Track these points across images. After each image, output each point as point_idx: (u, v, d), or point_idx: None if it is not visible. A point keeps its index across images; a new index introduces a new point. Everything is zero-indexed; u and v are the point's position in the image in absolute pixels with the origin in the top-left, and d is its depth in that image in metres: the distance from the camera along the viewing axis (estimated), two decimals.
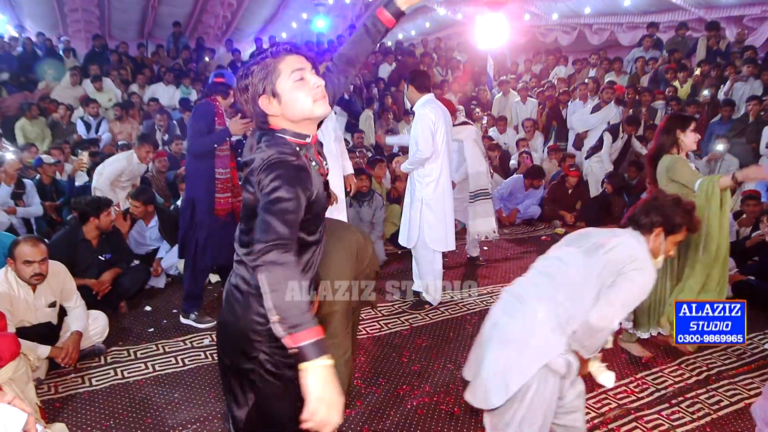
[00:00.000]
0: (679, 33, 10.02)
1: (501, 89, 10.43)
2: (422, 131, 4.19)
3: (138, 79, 9.94)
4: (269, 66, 1.65)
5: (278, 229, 1.48)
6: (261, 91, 1.66)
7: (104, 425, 2.98)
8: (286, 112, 1.67)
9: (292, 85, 1.65)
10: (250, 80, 1.66)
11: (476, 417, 3.09)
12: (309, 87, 1.66)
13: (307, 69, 1.67)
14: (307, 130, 1.71)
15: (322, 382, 1.39)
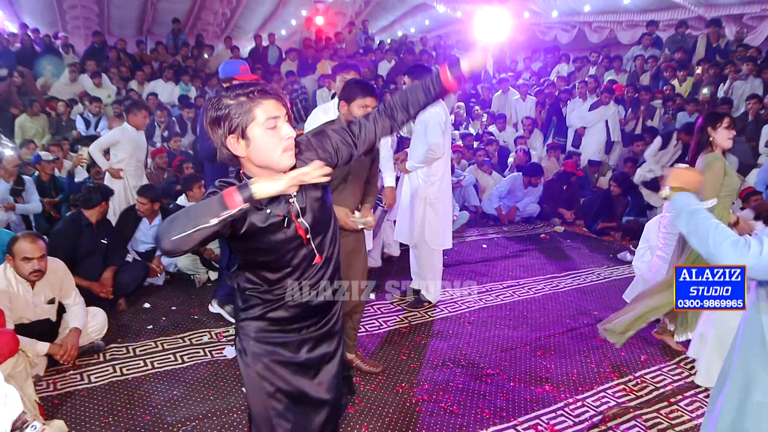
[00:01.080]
0: (679, 31, 10.01)
1: (500, 87, 10.43)
2: (435, 131, 4.12)
3: (137, 76, 9.92)
4: (244, 107, 1.60)
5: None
6: (230, 130, 1.62)
7: (103, 422, 2.97)
8: (252, 156, 1.65)
9: (264, 131, 1.61)
10: (223, 115, 1.61)
11: (474, 415, 3.10)
12: (280, 136, 1.63)
13: (282, 116, 1.63)
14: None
15: (267, 185, 1.53)
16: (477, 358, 3.75)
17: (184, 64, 10.99)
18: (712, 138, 3.54)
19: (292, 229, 1.74)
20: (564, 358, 3.77)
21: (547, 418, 3.11)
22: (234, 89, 1.63)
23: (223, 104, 1.61)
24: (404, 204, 4.56)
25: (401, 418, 3.06)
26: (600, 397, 3.31)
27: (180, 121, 8.70)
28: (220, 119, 1.62)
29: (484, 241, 6.47)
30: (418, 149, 4.27)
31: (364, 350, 3.79)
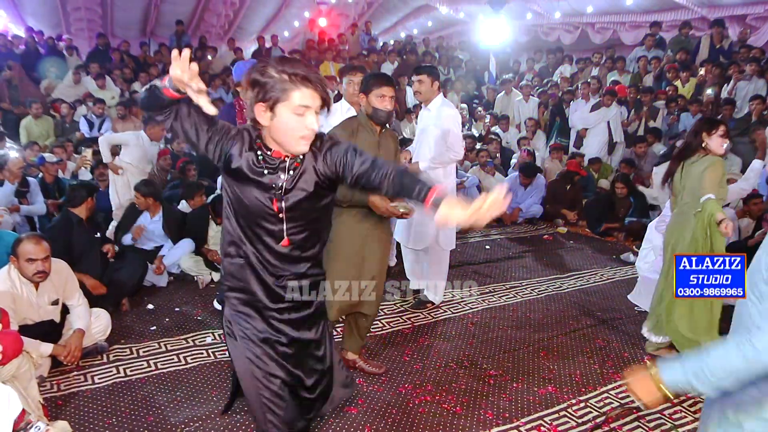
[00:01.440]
0: (683, 32, 10.01)
1: (503, 88, 10.43)
2: (456, 133, 4.15)
3: (140, 78, 9.94)
4: (284, 85, 1.67)
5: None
6: (263, 99, 1.70)
7: (107, 423, 2.98)
8: (272, 129, 1.76)
9: (291, 114, 1.70)
10: (262, 82, 1.69)
11: (477, 416, 3.10)
12: (303, 125, 1.71)
13: (314, 108, 1.70)
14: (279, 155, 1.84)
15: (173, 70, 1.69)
16: (480, 359, 3.75)
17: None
18: (705, 144, 3.53)
19: (267, 195, 1.86)
20: (567, 359, 3.77)
21: (550, 419, 3.11)
22: (283, 64, 1.70)
23: (268, 73, 1.69)
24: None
25: (404, 419, 3.06)
26: (603, 398, 3.31)
27: None
28: (257, 84, 1.70)
29: (487, 243, 6.47)
30: (431, 150, 4.18)
31: (366, 351, 3.79)
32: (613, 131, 8.38)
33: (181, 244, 5.02)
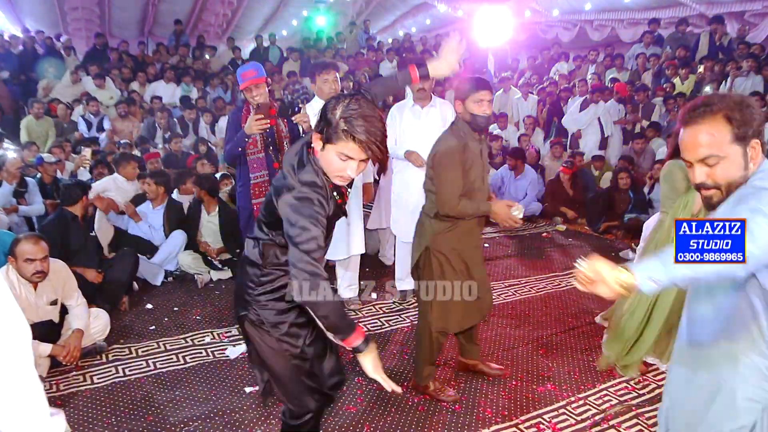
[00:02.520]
0: (679, 29, 10.01)
1: (502, 86, 10.43)
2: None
3: (138, 77, 9.94)
4: (339, 132, 1.77)
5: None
6: (320, 131, 1.83)
7: (106, 423, 2.98)
8: (320, 157, 1.87)
9: (336, 156, 1.81)
10: (327, 117, 1.80)
11: (476, 414, 3.10)
12: (343, 168, 1.83)
13: (357, 159, 1.81)
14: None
15: (372, 366, 1.87)
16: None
17: (184, 65, 10.99)
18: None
19: (341, 216, 2.03)
20: (566, 357, 3.77)
21: (549, 416, 3.11)
22: (349, 110, 1.78)
23: (333, 113, 1.79)
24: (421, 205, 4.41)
25: (403, 417, 3.06)
26: (602, 396, 3.31)
27: (181, 123, 8.72)
28: (323, 117, 1.83)
29: (485, 240, 6.46)
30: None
31: None
32: (604, 126, 8.38)
33: (174, 236, 5.04)
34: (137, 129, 8.39)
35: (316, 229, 1.78)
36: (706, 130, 1.54)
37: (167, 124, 8.40)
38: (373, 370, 1.86)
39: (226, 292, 4.79)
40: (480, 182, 2.93)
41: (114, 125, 8.24)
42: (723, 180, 1.57)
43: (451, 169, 2.80)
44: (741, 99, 1.56)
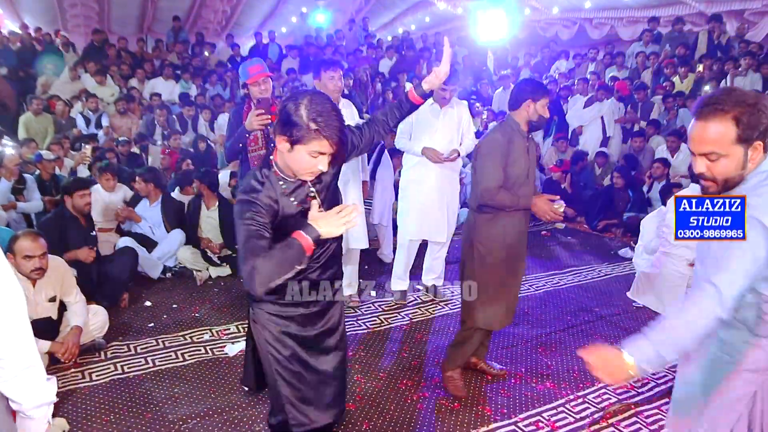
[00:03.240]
0: (676, 28, 10.00)
1: (501, 84, 10.42)
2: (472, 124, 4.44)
3: (137, 74, 9.91)
4: (308, 132, 1.83)
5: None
6: (287, 135, 1.86)
7: (104, 420, 2.98)
8: (285, 157, 1.93)
9: (305, 155, 1.87)
10: (292, 120, 1.84)
11: (476, 412, 3.10)
12: (314, 164, 1.89)
13: (327, 155, 1.89)
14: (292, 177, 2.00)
15: (329, 228, 1.85)
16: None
17: (184, 61, 10.97)
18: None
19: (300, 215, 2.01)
20: (565, 355, 3.77)
21: (548, 414, 3.11)
22: (314, 109, 1.84)
23: (299, 114, 1.84)
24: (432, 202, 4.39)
25: (402, 415, 3.06)
26: (601, 394, 3.31)
27: (180, 119, 8.70)
28: (287, 120, 1.86)
29: None
30: (472, 141, 4.38)
31: (364, 347, 3.80)
32: (606, 125, 8.38)
33: (173, 234, 5.04)
34: (136, 126, 8.37)
35: (245, 227, 1.87)
36: (714, 128, 1.60)
37: (166, 121, 8.39)
38: (333, 232, 1.86)
39: (224, 290, 4.79)
40: (524, 178, 3.01)
41: (113, 122, 8.21)
42: (720, 175, 1.65)
43: (492, 160, 2.92)
44: (755, 101, 1.59)
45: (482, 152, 2.98)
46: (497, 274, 3.06)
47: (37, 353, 1.41)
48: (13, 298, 1.33)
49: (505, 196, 2.92)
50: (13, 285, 1.34)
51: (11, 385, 1.37)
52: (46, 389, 1.44)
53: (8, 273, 1.34)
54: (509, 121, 3.02)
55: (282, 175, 1.98)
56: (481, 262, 3.06)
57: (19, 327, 1.34)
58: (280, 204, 1.96)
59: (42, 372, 1.42)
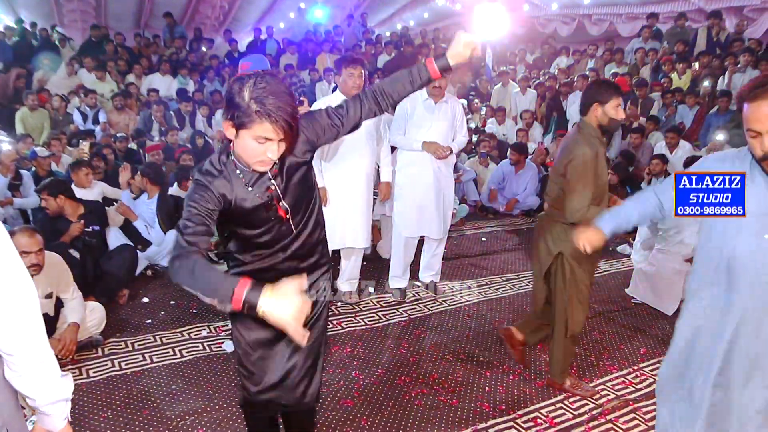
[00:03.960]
0: (678, 23, 9.98)
1: (500, 80, 10.40)
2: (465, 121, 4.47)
3: (135, 70, 9.88)
4: (250, 114, 1.67)
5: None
6: (230, 119, 1.72)
7: (102, 416, 2.97)
8: (236, 146, 1.79)
9: (251, 140, 1.72)
10: (234, 103, 1.69)
11: (474, 408, 3.10)
12: (262, 152, 1.72)
13: (275, 140, 1.70)
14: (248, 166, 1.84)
15: (276, 310, 1.54)
16: (476, 351, 3.75)
17: (177, 56, 10.91)
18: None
19: (274, 210, 1.91)
20: None
21: (546, 411, 3.11)
22: (258, 90, 1.67)
23: (241, 96, 1.67)
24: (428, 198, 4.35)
25: (400, 411, 3.06)
26: (599, 390, 3.31)
27: (178, 115, 8.68)
28: (230, 102, 1.71)
29: (483, 235, 6.46)
30: (465, 136, 4.46)
31: (362, 344, 3.79)
32: None
33: (169, 235, 5.03)
34: (134, 122, 8.34)
35: (189, 208, 1.78)
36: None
37: (163, 117, 8.36)
38: (277, 320, 1.55)
39: None
40: (605, 186, 2.99)
41: (110, 118, 8.19)
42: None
43: (584, 179, 2.83)
44: None
45: (576, 171, 2.84)
46: (585, 283, 3.06)
47: (50, 349, 1.39)
48: (26, 293, 1.32)
49: (595, 211, 2.80)
50: (25, 280, 1.33)
51: (25, 380, 1.36)
52: (61, 385, 1.42)
53: (21, 269, 1.33)
54: (587, 129, 2.91)
55: (239, 164, 1.84)
56: (572, 276, 3.02)
57: (31, 322, 1.33)
58: (234, 193, 1.83)
59: (56, 368, 1.41)
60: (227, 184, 1.83)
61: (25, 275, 1.34)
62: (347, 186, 4.13)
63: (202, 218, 1.77)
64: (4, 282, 1.29)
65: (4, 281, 1.28)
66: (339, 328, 4.02)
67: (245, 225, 1.92)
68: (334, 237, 4.17)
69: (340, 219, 4.13)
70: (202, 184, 1.82)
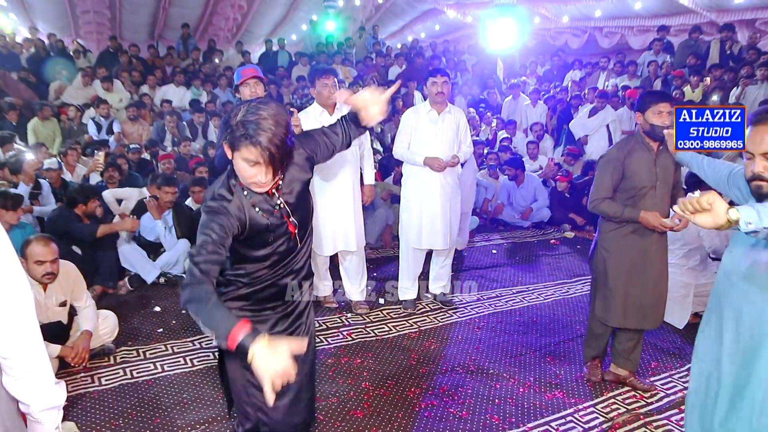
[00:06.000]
0: (692, 36, 9.96)
1: (511, 92, 10.42)
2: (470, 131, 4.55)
3: (149, 81, 10.00)
4: (242, 139, 1.73)
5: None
6: (226, 138, 1.80)
7: (113, 425, 2.99)
8: (235, 167, 1.84)
9: (240, 161, 1.78)
10: (229, 124, 1.77)
11: (484, 421, 3.09)
12: (253, 174, 1.77)
13: (261, 163, 1.74)
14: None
15: (263, 361, 1.56)
16: (486, 363, 3.74)
17: (193, 68, 11.04)
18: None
19: (284, 227, 1.96)
20: (574, 364, 3.75)
21: (556, 424, 3.09)
22: (248, 115, 1.74)
23: (234, 119, 1.76)
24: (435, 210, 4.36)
25: (410, 423, 3.06)
26: (610, 404, 3.29)
27: (191, 126, 8.76)
28: (225, 124, 1.82)
29: (493, 247, 6.46)
30: (469, 146, 4.49)
31: (372, 355, 3.79)
32: (612, 133, 8.37)
33: (180, 244, 5.08)
34: (147, 132, 8.43)
35: (204, 235, 1.81)
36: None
37: (176, 127, 8.44)
38: (260, 371, 1.57)
39: None
40: (648, 189, 3.09)
41: (124, 128, 8.28)
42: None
43: (603, 172, 3.16)
44: None
45: (599, 165, 3.23)
46: (617, 276, 3.21)
47: (46, 355, 1.41)
48: (22, 298, 1.33)
49: (609, 206, 3.12)
50: (22, 285, 1.34)
51: (20, 385, 1.37)
52: (54, 392, 1.44)
53: (19, 273, 1.34)
54: (636, 134, 3.17)
55: (245, 186, 1.89)
56: (603, 265, 3.26)
57: (26, 327, 1.34)
58: (247, 215, 1.88)
59: (50, 374, 1.42)
60: (240, 206, 1.87)
61: (22, 278, 1.35)
62: (333, 192, 4.19)
63: (216, 247, 1.80)
64: (1, 285, 1.30)
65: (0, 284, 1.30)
66: (349, 339, 4.03)
67: (255, 246, 1.94)
68: (326, 244, 4.25)
69: (329, 225, 4.21)
70: (217, 210, 1.84)
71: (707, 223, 1.66)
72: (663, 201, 3.13)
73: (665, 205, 3.13)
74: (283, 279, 2.06)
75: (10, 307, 1.31)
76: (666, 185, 3.14)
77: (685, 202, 1.66)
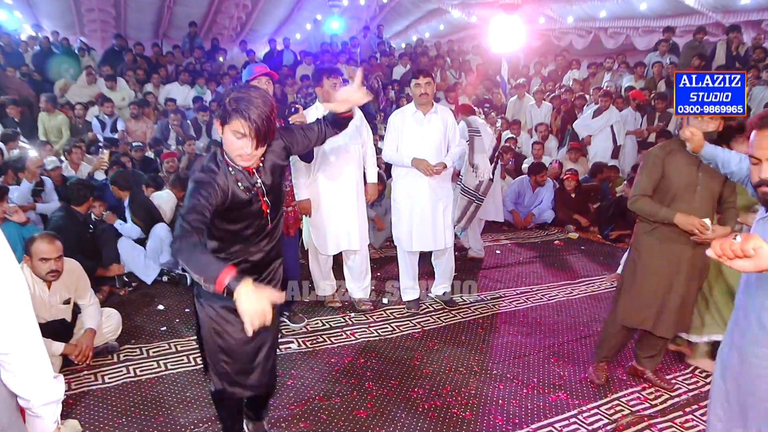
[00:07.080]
0: (697, 37, 9.92)
1: (516, 92, 10.40)
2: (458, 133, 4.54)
3: (153, 79, 10.01)
4: (229, 112, 1.99)
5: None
6: (218, 115, 2.05)
7: (116, 422, 2.99)
8: (224, 141, 2.10)
9: (230, 134, 2.03)
10: (222, 102, 2.03)
11: (487, 422, 3.08)
12: (240, 147, 2.03)
13: (247, 135, 1.99)
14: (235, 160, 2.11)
15: (246, 301, 1.73)
16: (490, 364, 3.73)
17: (199, 67, 11.06)
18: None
19: (258, 205, 2.19)
20: (578, 366, 3.74)
21: (560, 425, 3.08)
22: (237, 94, 2.00)
23: (227, 98, 2.01)
24: (425, 212, 4.35)
25: (413, 423, 3.05)
26: (614, 405, 3.28)
27: (195, 124, 8.77)
28: (220, 104, 2.05)
29: (497, 248, 6.45)
30: (459, 146, 4.46)
31: (376, 355, 3.79)
32: (616, 134, 8.34)
33: (156, 229, 5.07)
34: (151, 130, 8.44)
35: (193, 199, 2.00)
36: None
37: (180, 126, 8.45)
38: (243, 308, 1.71)
39: None
40: (686, 192, 3.03)
41: (128, 126, 8.30)
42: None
43: (643, 168, 3.14)
44: None
45: (641, 160, 3.26)
46: (641, 276, 3.20)
47: (44, 350, 1.42)
48: (18, 293, 1.34)
49: (644, 204, 3.09)
50: (17, 279, 1.35)
51: (18, 380, 1.37)
52: (53, 387, 1.44)
53: (14, 267, 1.35)
54: (677, 138, 3.12)
55: (230, 162, 2.12)
56: (633, 264, 3.26)
57: (24, 321, 1.36)
58: (230, 188, 2.10)
59: (49, 369, 1.43)
60: (225, 179, 2.10)
61: (18, 273, 1.36)
62: (337, 191, 4.19)
63: (203, 209, 2.00)
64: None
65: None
66: (353, 338, 4.03)
67: (231, 219, 2.16)
68: (330, 243, 4.24)
69: (332, 225, 4.21)
70: (206, 180, 2.06)
71: (747, 268, 1.55)
72: (703, 208, 3.02)
73: (705, 215, 2.99)
74: (254, 255, 2.28)
75: (8, 302, 1.32)
76: (709, 192, 3.03)
77: (725, 248, 1.56)
